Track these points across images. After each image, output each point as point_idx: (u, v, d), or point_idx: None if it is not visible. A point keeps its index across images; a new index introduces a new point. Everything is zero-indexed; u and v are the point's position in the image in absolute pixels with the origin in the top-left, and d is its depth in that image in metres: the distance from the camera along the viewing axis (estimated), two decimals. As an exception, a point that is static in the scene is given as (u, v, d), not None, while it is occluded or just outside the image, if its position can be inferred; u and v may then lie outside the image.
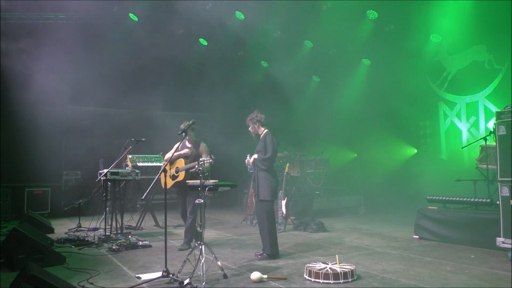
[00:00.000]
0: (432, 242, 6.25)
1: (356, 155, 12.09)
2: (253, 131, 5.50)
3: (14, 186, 10.02)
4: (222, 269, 4.37)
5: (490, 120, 8.49)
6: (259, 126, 5.48)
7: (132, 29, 10.74)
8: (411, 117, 10.30)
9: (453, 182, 7.26)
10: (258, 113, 5.50)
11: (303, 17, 10.18)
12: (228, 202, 12.17)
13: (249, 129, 5.54)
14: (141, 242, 6.18)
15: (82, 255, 5.67)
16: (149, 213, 8.34)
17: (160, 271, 4.22)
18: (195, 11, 9.92)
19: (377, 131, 10.76)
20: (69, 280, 4.20)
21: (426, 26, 9.08)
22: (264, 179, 5.31)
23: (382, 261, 5.05)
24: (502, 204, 5.09)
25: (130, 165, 8.23)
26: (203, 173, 4.42)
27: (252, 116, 5.48)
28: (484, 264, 4.81)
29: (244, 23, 10.66)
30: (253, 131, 5.51)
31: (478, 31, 8.68)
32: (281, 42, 11.12)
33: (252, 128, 5.49)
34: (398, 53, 9.85)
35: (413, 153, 10.48)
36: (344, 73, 11.38)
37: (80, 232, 7.45)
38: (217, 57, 11.98)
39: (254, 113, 5.52)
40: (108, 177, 6.65)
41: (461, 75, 9.37)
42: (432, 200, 6.72)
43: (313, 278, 4.13)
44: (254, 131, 5.50)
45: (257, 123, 5.47)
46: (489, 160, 6.54)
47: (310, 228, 7.45)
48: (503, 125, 5.09)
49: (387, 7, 9.35)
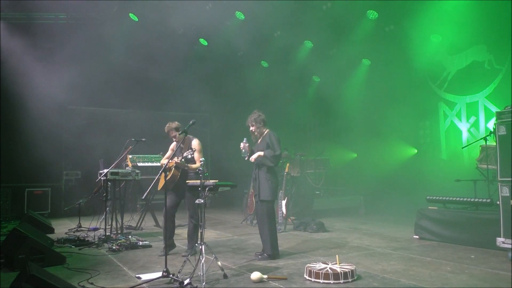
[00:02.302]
0: (432, 242, 6.25)
1: (356, 155, 12.09)
2: (258, 131, 5.44)
3: (14, 186, 10.02)
4: (222, 269, 4.37)
5: (490, 120, 8.48)
6: (263, 125, 5.46)
7: (132, 29, 10.73)
8: (411, 117, 10.30)
9: (453, 182, 7.26)
10: (260, 113, 5.46)
11: (303, 17, 10.18)
12: (228, 202, 12.18)
13: (251, 129, 5.45)
14: (141, 242, 6.18)
15: (82, 255, 5.67)
16: (149, 213, 8.34)
17: (160, 271, 4.21)
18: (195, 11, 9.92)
19: (377, 131, 10.76)
20: (69, 280, 4.20)
21: (426, 26, 9.07)
22: (265, 179, 5.29)
23: (382, 261, 5.05)
24: (502, 204, 5.10)
25: (130, 165, 8.25)
26: (203, 173, 4.42)
27: (255, 116, 5.42)
28: (484, 264, 4.81)
29: (244, 23, 10.66)
30: (258, 131, 5.43)
31: (478, 31, 8.67)
32: (281, 42, 11.11)
33: (256, 128, 5.42)
34: (398, 53, 9.84)
35: (413, 153, 10.48)
36: (344, 73, 11.37)
37: (80, 232, 7.45)
38: (217, 57, 11.99)
39: (255, 113, 5.45)
40: (108, 177, 6.65)
41: (461, 75, 9.37)
42: (432, 200, 6.72)
43: (313, 278, 4.13)
44: (259, 131, 5.44)
45: (261, 123, 5.43)
46: (489, 160, 6.54)
47: (310, 228, 7.45)
48: (503, 125, 5.10)
49: (387, 7, 9.36)
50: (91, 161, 9.87)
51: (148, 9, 10.29)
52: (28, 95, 9.78)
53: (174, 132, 5.66)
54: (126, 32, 10.59)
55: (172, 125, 5.69)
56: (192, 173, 5.60)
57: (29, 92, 9.79)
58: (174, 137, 5.71)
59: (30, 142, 10.16)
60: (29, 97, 9.77)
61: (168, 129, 5.69)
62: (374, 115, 10.86)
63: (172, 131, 5.67)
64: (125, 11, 10.64)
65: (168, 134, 5.73)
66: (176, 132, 5.66)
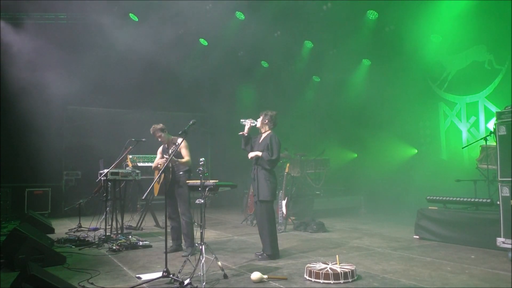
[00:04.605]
0: (432, 242, 6.25)
1: (356, 155, 12.09)
2: (261, 125, 5.47)
3: (15, 186, 10.02)
4: (222, 269, 4.37)
5: (490, 120, 8.48)
6: (269, 125, 5.46)
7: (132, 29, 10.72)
8: (411, 117, 10.29)
9: (453, 182, 7.26)
10: (276, 116, 5.50)
11: (303, 17, 10.18)
12: (228, 202, 12.18)
13: (258, 119, 5.47)
14: (141, 242, 6.18)
15: (82, 255, 5.67)
16: (149, 213, 8.34)
17: (160, 271, 4.22)
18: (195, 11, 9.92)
19: (377, 131, 10.76)
20: (69, 280, 4.20)
21: (426, 26, 9.07)
22: (264, 180, 5.30)
23: (382, 261, 5.05)
24: (502, 204, 5.09)
25: (130, 165, 8.25)
26: (203, 173, 4.42)
27: (271, 114, 5.46)
28: (484, 264, 4.81)
29: (244, 23, 10.66)
30: (260, 125, 5.47)
31: (478, 31, 8.66)
32: (281, 42, 11.11)
33: (262, 121, 5.44)
34: (398, 53, 9.84)
35: (413, 153, 10.47)
36: (344, 73, 11.37)
37: (80, 232, 7.45)
38: (218, 57, 11.98)
39: (274, 112, 5.50)
40: (108, 177, 6.65)
41: (461, 75, 9.36)
42: (432, 200, 6.72)
43: (313, 278, 4.13)
44: (261, 125, 5.47)
45: (271, 122, 5.45)
46: (489, 160, 6.54)
47: (310, 228, 7.45)
48: (503, 125, 5.10)
49: (387, 7, 9.35)
50: (91, 161, 9.86)
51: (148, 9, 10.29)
52: (28, 95, 9.78)
53: (159, 132, 5.82)
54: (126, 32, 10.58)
55: (157, 126, 5.84)
56: (182, 173, 5.67)
57: (29, 92, 9.79)
58: (160, 137, 5.86)
59: (30, 142, 10.16)
60: (29, 97, 9.77)
61: (153, 130, 5.85)
62: (374, 115, 10.85)
63: (157, 132, 5.82)
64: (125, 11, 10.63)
65: (153, 135, 5.87)
66: (161, 133, 5.83)
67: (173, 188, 5.67)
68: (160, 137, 5.83)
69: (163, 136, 5.86)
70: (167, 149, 5.86)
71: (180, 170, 5.68)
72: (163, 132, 5.83)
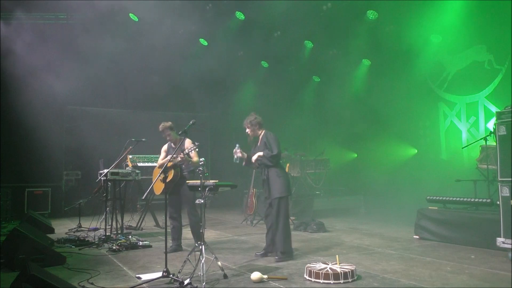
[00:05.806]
0: (432, 242, 6.25)
1: (356, 155, 12.09)
2: (252, 133, 5.47)
3: (15, 186, 10.01)
4: (222, 269, 4.37)
5: (490, 120, 8.48)
6: (258, 128, 5.46)
7: (132, 29, 10.73)
8: (411, 117, 10.30)
9: (453, 182, 7.27)
10: (256, 116, 5.48)
11: (303, 17, 10.17)
12: (228, 202, 12.18)
13: (247, 131, 5.48)
14: (141, 242, 6.18)
15: (82, 255, 5.67)
16: (149, 213, 8.34)
17: (160, 271, 4.22)
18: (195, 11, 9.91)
19: (377, 131, 10.76)
20: (69, 280, 4.20)
21: (426, 26, 9.07)
22: (277, 176, 5.23)
23: (382, 261, 5.05)
24: (502, 204, 5.09)
25: (131, 165, 8.25)
26: (203, 173, 4.42)
27: (251, 119, 5.44)
28: (484, 264, 4.81)
29: (244, 23, 10.66)
30: (252, 134, 5.47)
31: (478, 31, 8.67)
32: (281, 42, 11.11)
33: (251, 131, 5.45)
34: (398, 53, 9.85)
35: (413, 153, 10.48)
36: (344, 73, 11.37)
37: (80, 232, 7.45)
38: (218, 57, 11.98)
39: (252, 115, 5.48)
40: (108, 177, 6.65)
41: (461, 75, 9.37)
42: (432, 200, 6.71)
43: (313, 278, 4.13)
44: (253, 133, 5.47)
45: (257, 125, 5.44)
46: (489, 160, 6.54)
47: (310, 228, 7.45)
48: (503, 125, 5.10)
49: (387, 7, 9.34)
50: (91, 161, 9.87)
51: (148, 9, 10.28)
52: (28, 95, 9.78)
53: (168, 131, 5.79)
54: (126, 32, 10.58)
55: (167, 124, 5.80)
56: (186, 173, 5.68)
57: (29, 92, 9.79)
58: (168, 136, 5.82)
59: (30, 142, 10.15)
60: (29, 97, 9.76)
61: (162, 128, 5.81)
62: (374, 115, 10.85)
63: (166, 130, 5.79)
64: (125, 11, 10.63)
65: (162, 133, 5.85)
66: (170, 131, 5.80)
67: (179, 187, 5.66)
68: (168, 135, 5.80)
69: (172, 134, 5.84)
70: (173, 148, 5.80)
71: (186, 169, 5.70)
72: (172, 130, 5.81)
